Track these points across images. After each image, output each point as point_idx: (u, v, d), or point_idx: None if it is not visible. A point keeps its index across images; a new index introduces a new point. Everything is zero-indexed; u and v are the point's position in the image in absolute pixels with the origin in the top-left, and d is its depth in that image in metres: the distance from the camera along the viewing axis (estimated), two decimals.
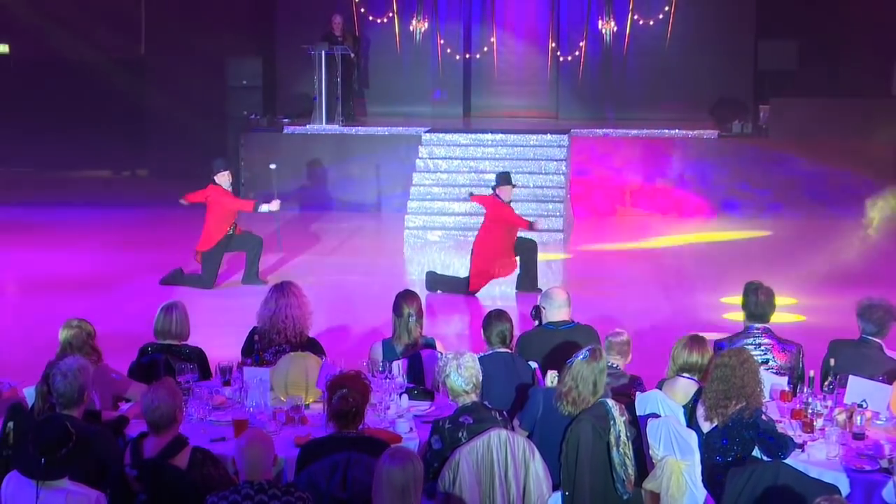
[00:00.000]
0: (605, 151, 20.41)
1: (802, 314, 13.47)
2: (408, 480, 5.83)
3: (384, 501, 5.85)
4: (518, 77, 23.26)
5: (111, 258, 16.55)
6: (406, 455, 5.94)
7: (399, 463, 5.86)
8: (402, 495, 5.83)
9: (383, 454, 6.01)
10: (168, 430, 6.63)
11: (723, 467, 7.08)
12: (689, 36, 22.34)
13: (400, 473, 5.83)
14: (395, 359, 8.68)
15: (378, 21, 23.08)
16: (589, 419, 7.13)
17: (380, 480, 5.87)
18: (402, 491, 5.83)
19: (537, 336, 9.07)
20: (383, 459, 5.92)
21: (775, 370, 8.37)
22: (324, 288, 14.46)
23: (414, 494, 5.86)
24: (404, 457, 5.91)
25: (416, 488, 5.87)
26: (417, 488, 5.89)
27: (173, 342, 8.70)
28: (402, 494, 5.83)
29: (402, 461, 5.87)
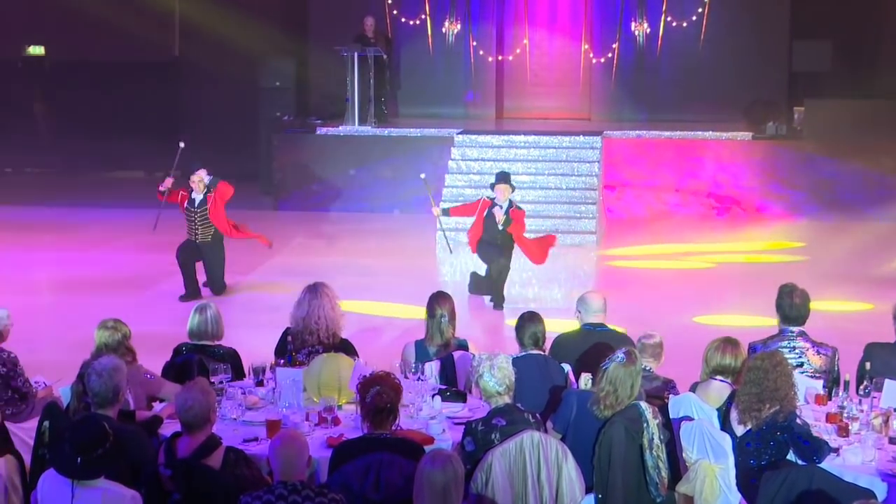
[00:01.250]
0: (637, 153, 20.37)
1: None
2: (448, 482, 5.83)
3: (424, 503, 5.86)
4: (550, 79, 23.22)
5: (145, 258, 16.62)
6: (446, 458, 5.94)
7: (439, 465, 5.86)
8: (444, 497, 5.83)
9: (423, 457, 6.02)
10: (201, 430, 6.65)
11: (757, 471, 7.05)
12: (723, 37, 22.24)
13: (440, 475, 5.83)
14: (427, 360, 8.69)
15: (410, 23, 23.08)
16: (622, 422, 7.11)
17: (420, 483, 5.87)
18: (444, 493, 5.83)
19: (574, 337, 9.05)
20: (424, 462, 5.93)
21: (810, 373, 8.33)
22: (356, 289, 14.46)
23: (455, 496, 5.86)
24: (444, 459, 5.91)
25: (456, 490, 5.87)
26: (458, 490, 5.89)
27: (208, 342, 8.72)
28: (444, 496, 5.83)
29: (442, 463, 5.87)
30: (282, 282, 14.80)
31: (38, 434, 7.47)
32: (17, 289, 14.74)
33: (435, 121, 22.05)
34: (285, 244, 17.77)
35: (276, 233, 18.90)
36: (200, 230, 14.44)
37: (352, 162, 20.53)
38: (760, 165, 20.15)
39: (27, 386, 8.82)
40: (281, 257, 16.79)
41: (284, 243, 17.82)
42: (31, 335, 11.44)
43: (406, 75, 23.11)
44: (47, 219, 19.87)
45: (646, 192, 20.33)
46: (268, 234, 18.56)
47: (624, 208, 20.41)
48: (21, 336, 9.44)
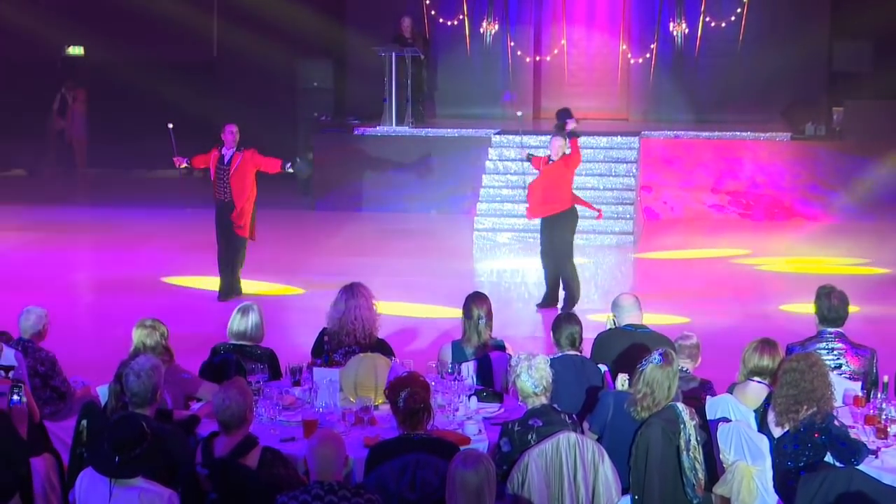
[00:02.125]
0: (675, 154, 20.31)
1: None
2: (481, 482, 5.84)
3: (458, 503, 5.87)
4: (588, 79, 23.18)
5: (184, 258, 16.68)
6: (478, 458, 5.95)
7: (472, 466, 5.87)
8: (477, 497, 5.83)
9: (455, 458, 6.02)
10: (238, 429, 6.67)
11: (794, 473, 7.02)
12: (762, 37, 22.12)
13: (473, 476, 5.84)
14: (464, 360, 8.69)
15: (448, 23, 23.08)
16: (659, 423, 7.10)
17: (453, 484, 5.87)
18: (477, 493, 5.84)
19: (614, 336, 9.03)
20: (455, 463, 5.93)
21: (848, 375, 8.29)
22: (393, 289, 14.49)
23: (488, 495, 5.86)
24: (476, 459, 5.92)
25: (489, 490, 5.88)
26: (491, 490, 5.89)
27: (246, 343, 8.75)
28: (477, 497, 5.84)
29: (474, 464, 5.88)
30: (318, 281, 14.84)
31: (77, 433, 7.52)
32: (56, 288, 14.84)
33: (472, 121, 22.05)
34: (323, 244, 17.82)
35: (313, 233, 19.03)
36: (230, 189, 14.21)
37: (389, 163, 20.55)
38: (799, 166, 20.04)
39: (66, 385, 8.87)
40: (319, 257, 16.83)
41: (322, 243, 17.87)
42: (70, 334, 11.52)
43: (444, 76, 23.11)
44: (88, 218, 19.99)
45: (683, 193, 20.26)
46: (305, 233, 18.70)
47: (661, 209, 20.34)
48: (60, 335, 9.50)
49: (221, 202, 14.25)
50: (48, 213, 20.36)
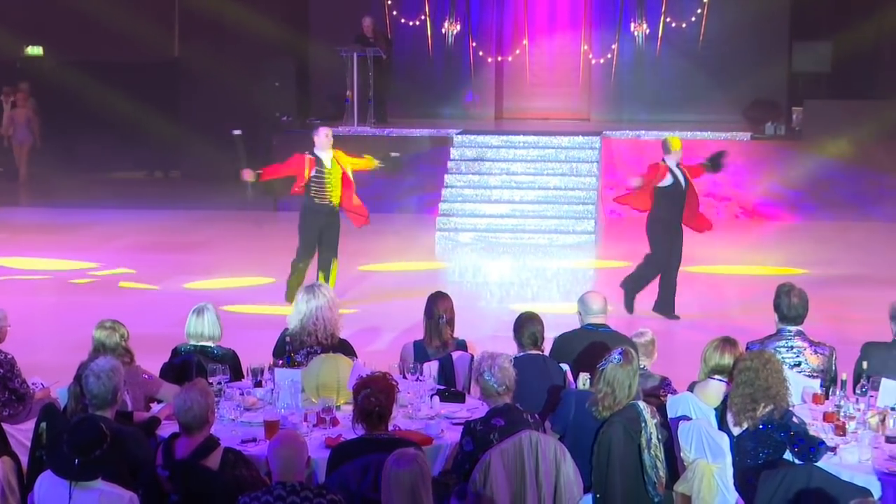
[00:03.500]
0: (636, 153, 20.37)
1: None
2: (415, 480, 5.86)
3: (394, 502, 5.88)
4: (550, 79, 23.24)
5: (144, 259, 16.63)
6: (411, 456, 5.98)
7: (405, 465, 5.89)
8: (412, 495, 5.84)
9: (389, 457, 6.03)
10: (200, 431, 6.65)
11: (754, 470, 7.06)
12: (722, 38, 22.24)
13: (407, 475, 5.87)
14: (426, 360, 8.70)
15: (410, 23, 23.09)
16: (620, 422, 7.12)
17: (388, 483, 5.90)
18: (412, 491, 5.85)
19: (576, 336, 9.05)
20: (389, 462, 5.96)
21: (808, 373, 8.34)
22: (356, 289, 14.49)
23: (423, 493, 5.88)
24: (409, 458, 5.95)
25: (424, 487, 5.90)
26: (426, 487, 5.91)
27: (206, 343, 8.72)
28: (412, 494, 5.84)
29: (407, 463, 5.91)
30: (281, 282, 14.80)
31: (36, 436, 7.48)
32: (15, 289, 14.75)
33: (434, 121, 22.06)
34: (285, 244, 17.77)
35: (275, 233, 18.97)
36: (335, 191, 13.80)
37: None
38: (759, 166, 20.16)
39: (24, 387, 8.82)
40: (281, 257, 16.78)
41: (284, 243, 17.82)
42: (29, 336, 11.44)
43: (406, 76, 23.11)
44: (46, 219, 19.89)
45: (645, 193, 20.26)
46: (268, 234, 18.66)
47: (623, 208, 20.38)
48: (19, 337, 9.44)
49: (326, 206, 13.80)
50: (5, 214, 20.24)
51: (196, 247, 17.48)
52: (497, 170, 19.56)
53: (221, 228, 19.09)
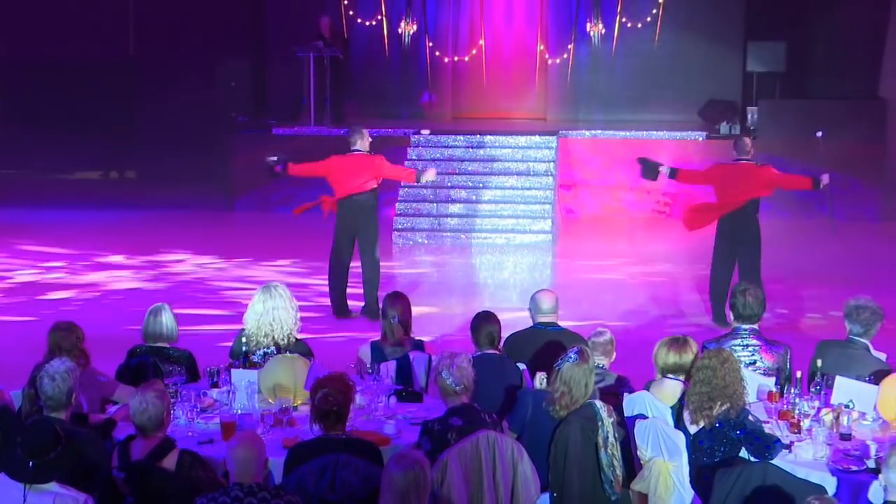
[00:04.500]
0: (593, 153, 20.45)
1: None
2: (408, 486, 5.82)
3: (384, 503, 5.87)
4: (506, 79, 23.26)
5: (99, 259, 16.53)
6: (411, 461, 5.93)
7: (402, 468, 5.86)
8: (402, 500, 5.83)
9: (391, 457, 6.02)
10: (156, 432, 6.62)
11: (710, 468, 7.09)
12: (678, 38, 22.34)
13: (401, 478, 5.84)
14: (383, 360, 8.69)
15: (367, 23, 23.06)
16: (577, 420, 7.14)
17: (384, 483, 5.89)
18: (402, 496, 5.83)
19: (526, 336, 9.08)
20: (389, 462, 5.96)
21: (763, 371, 8.39)
22: (314, 290, 14.46)
23: (415, 500, 5.85)
24: (408, 462, 5.91)
25: (417, 495, 5.86)
26: (421, 495, 5.87)
27: (163, 345, 8.68)
28: (402, 499, 5.83)
29: (405, 466, 5.87)
30: (237, 284, 14.78)
31: None
32: None
33: (391, 121, 22.05)
34: (241, 244, 17.73)
35: (232, 233, 18.95)
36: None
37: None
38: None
39: None
40: (236, 259, 16.75)
41: (240, 243, 17.79)
42: None
43: (363, 76, 23.08)
44: (1, 220, 19.73)
45: (601, 192, 20.42)
46: (224, 235, 18.60)
47: (580, 207, 20.48)
48: None
49: (359, 204, 13.41)
50: None
51: (152, 247, 17.38)
52: (454, 169, 19.56)
53: (177, 229, 18.99)
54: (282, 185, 20.30)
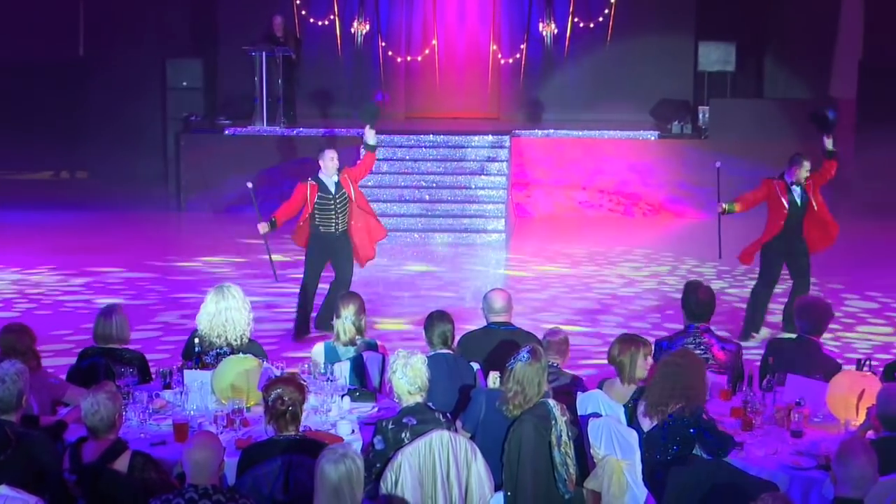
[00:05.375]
0: (546, 152, 20.50)
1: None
2: (340, 479, 5.79)
3: (318, 500, 5.84)
4: (460, 79, 23.28)
5: (50, 261, 16.41)
6: (342, 454, 5.89)
7: (333, 461, 5.83)
8: (335, 494, 5.80)
9: (322, 452, 5.99)
10: (108, 434, 6.58)
11: (663, 465, 7.12)
12: (629, 38, 22.44)
13: (332, 471, 5.80)
14: (336, 360, 8.67)
15: (319, 23, 23.02)
16: (531, 419, 7.15)
17: (316, 478, 5.86)
18: (335, 490, 5.80)
19: (479, 336, 9.09)
20: (321, 457, 5.91)
21: (715, 369, 8.44)
22: (267, 291, 14.41)
23: (348, 495, 5.83)
24: (339, 456, 5.88)
25: (350, 489, 5.83)
26: (353, 490, 5.84)
27: (114, 346, 8.63)
28: (335, 493, 5.80)
29: (336, 460, 5.84)
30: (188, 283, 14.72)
31: None
32: None
33: (344, 121, 22.02)
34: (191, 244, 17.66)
35: (183, 233, 18.87)
36: (342, 218, 12.57)
37: (261, 163, 20.37)
38: (666, 164, 20.37)
39: None
40: (189, 258, 16.68)
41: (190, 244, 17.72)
42: None
43: (315, 75, 23.03)
44: None
45: (555, 191, 20.48)
46: (176, 235, 18.51)
47: (533, 206, 20.53)
48: None
49: (332, 235, 12.58)
50: None
51: (103, 248, 17.27)
52: (407, 169, 19.55)
53: (129, 229, 18.89)
54: (233, 184, 20.24)
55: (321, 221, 12.51)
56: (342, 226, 12.55)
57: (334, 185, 12.54)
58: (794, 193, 12.42)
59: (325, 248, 12.60)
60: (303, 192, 12.51)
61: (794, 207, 12.39)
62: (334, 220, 12.52)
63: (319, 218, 12.50)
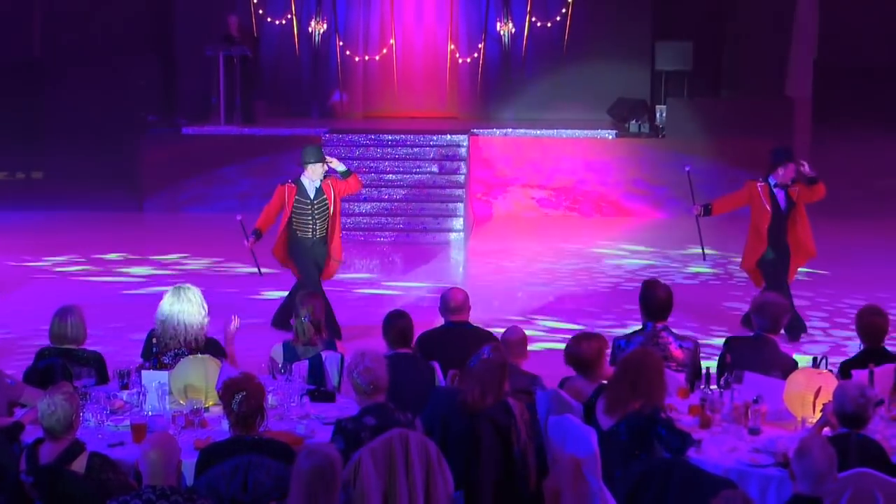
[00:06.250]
0: (504, 151, 20.53)
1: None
2: (316, 480, 5.81)
3: (292, 497, 5.84)
4: (417, 78, 23.28)
5: (5, 262, 16.30)
6: (320, 455, 5.92)
7: (310, 462, 5.84)
8: (307, 489, 5.80)
9: (300, 452, 6.00)
10: (65, 435, 6.54)
11: (622, 463, 7.15)
12: (587, 37, 22.53)
13: (309, 472, 5.81)
14: (295, 360, 8.65)
15: (277, 22, 22.97)
16: (490, 418, 7.16)
17: (293, 478, 5.88)
18: (311, 491, 5.81)
19: (438, 335, 9.10)
20: (299, 457, 5.94)
21: (673, 367, 8.47)
22: (224, 292, 14.37)
23: (322, 494, 5.84)
24: (317, 457, 5.88)
25: (326, 489, 5.85)
26: (329, 490, 5.86)
27: (71, 346, 8.58)
28: (310, 494, 5.81)
29: (312, 461, 5.85)
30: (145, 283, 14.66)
31: None
32: None
33: (302, 120, 21.99)
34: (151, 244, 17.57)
35: (141, 234, 18.78)
36: (319, 224, 12.31)
37: (219, 162, 20.31)
38: (624, 163, 20.44)
39: None
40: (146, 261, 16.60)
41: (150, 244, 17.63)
42: None
43: (273, 75, 23.00)
44: None
45: (513, 190, 20.51)
46: (133, 235, 18.41)
47: (492, 206, 20.55)
48: None
49: (308, 241, 12.33)
50: None
51: (59, 249, 17.16)
52: (365, 168, 19.52)
53: (85, 230, 18.78)
54: (192, 184, 20.19)
55: (298, 226, 12.29)
56: (319, 232, 12.31)
57: (315, 189, 12.27)
58: (777, 198, 12.14)
59: (307, 250, 12.35)
60: (281, 194, 12.31)
61: (778, 211, 12.13)
62: (311, 226, 12.28)
63: (296, 222, 12.28)
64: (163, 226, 19.32)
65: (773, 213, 12.12)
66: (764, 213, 12.13)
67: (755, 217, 12.24)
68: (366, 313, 13.70)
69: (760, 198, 12.15)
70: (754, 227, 12.26)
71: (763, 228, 12.14)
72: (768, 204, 12.11)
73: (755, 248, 12.25)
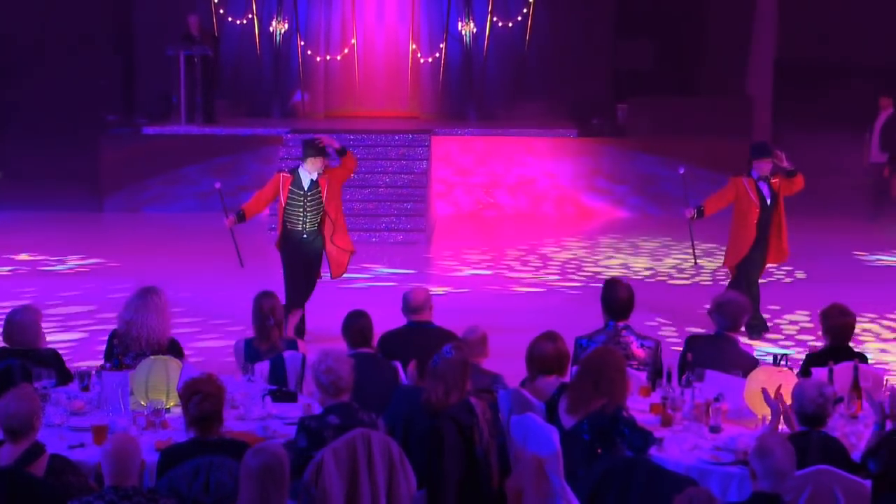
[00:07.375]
0: (466, 151, 20.56)
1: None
2: (266, 477, 5.80)
3: (242, 496, 5.82)
4: (379, 78, 23.29)
5: None
6: (268, 453, 5.91)
7: (258, 460, 5.84)
8: (261, 493, 5.79)
9: (248, 450, 5.98)
10: (25, 437, 6.50)
11: (584, 462, 7.16)
12: (548, 37, 22.60)
13: (258, 470, 5.81)
14: (256, 359, 8.64)
15: (237, 22, 22.92)
16: (453, 417, 7.17)
17: (241, 476, 5.87)
18: (261, 488, 5.80)
19: (399, 335, 9.10)
20: (246, 455, 5.92)
21: (634, 366, 8.51)
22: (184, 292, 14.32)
23: (273, 491, 5.83)
24: (265, 454, 5.88)
25: (276, 486, 5.85)
26: (279, 487, 5.86)
27: (28, 347, 8.51)
28: (261, 492, 5.79)
29: (260, 458, 5.85)
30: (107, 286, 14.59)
31: None
32: None
33: (264, 120, 21.95)
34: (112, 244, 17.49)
35: (101, 233, 18.69)
36: (310, 217, 12.13)
37: (179, 162, 20.24)
38: (586, 162, 20.51)
39: None
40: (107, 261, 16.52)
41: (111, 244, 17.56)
42: None
43: (234, 74, 22.95)
44: None
45: (475, 189, 20.55)
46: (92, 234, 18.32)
47: (454, 205, 20.57)
48: None
49: (297, 233, 12.18)
50: None
51: (19, 249, 17.06)
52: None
53: (44, 229, 18.67)
54: (152, 183, 20.11)
55: (288, 217, 12.14)
56: (310, 225, 12.12)
57: (310, 181, 12.08)
58: (762, 190, 12.28)
59: (296, 250, 12.20)
60: (276, 182, 12.17)
61: (765, 204, 12.26)
62: (301, 218, 12.09)
63: (288, 213, 12.14)
64: (123, 225, 19.24)
65: (761, 206, 12.27)
66: (752, 206, 12.27)
67: (742, 212, 12.37)
68: (330, 314, 13.68)
69: (747, 191, 12.29)
70: (740, 223, 12.40)
71: (752, 221, 12.27)
72: (755, 196, 12.25)
73: (741, 244, 12.36)
